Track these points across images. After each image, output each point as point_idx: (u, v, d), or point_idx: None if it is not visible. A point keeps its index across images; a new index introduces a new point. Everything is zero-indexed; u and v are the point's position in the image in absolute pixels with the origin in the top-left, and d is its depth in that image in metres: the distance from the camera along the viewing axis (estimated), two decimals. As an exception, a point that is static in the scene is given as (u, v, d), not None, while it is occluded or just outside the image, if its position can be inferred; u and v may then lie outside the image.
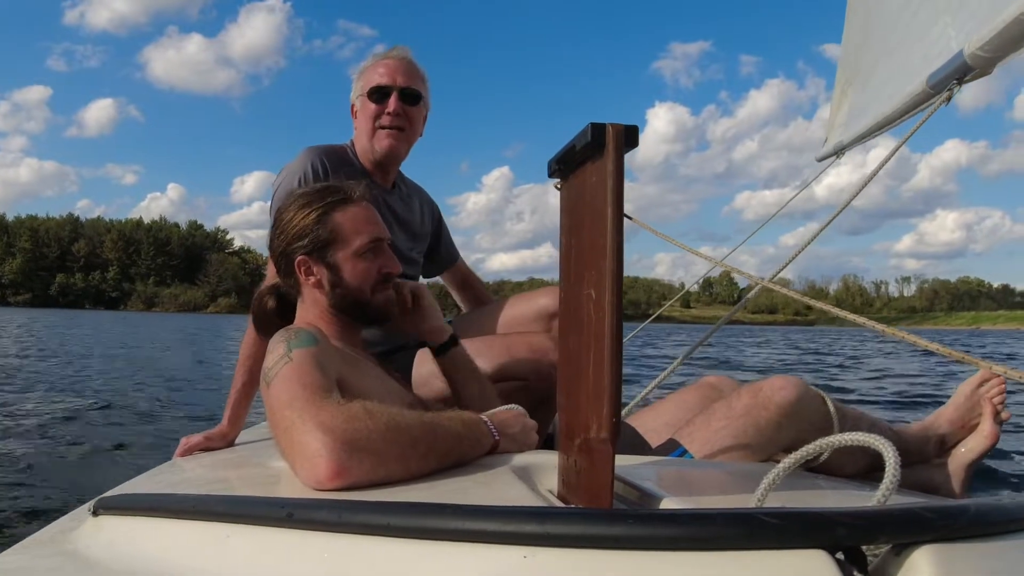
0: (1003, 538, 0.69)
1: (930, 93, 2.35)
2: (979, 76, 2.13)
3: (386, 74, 2.14)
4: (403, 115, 2.14)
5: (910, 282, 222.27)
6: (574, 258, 0.97)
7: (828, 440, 0.84)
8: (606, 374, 0.82)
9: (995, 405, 1.78)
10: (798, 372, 9.42)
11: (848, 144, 3.44)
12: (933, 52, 2.39)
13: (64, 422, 5.73)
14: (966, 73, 2.11)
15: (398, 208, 2.25)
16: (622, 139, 0.83)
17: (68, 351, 14.85)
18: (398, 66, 2.15)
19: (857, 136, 3.25)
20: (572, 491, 0.97)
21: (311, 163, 2.05)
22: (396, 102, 2.12)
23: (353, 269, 1.59)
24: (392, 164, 2.23)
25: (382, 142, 2.14)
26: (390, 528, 0.72)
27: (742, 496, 0.95)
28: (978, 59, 2.01)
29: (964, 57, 2.04)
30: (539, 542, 0.66)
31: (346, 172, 2.07)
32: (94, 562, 0.90)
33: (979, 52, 1.98)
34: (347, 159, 2.16)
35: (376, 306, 1.63)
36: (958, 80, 2.17)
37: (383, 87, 2.12)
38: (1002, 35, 1.86)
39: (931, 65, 2.34)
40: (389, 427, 1.12)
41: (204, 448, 1.85)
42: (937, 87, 2.28)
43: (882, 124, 2.90)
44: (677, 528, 0.64)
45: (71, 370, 10.32)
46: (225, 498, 0.92)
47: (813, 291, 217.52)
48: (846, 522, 0.62)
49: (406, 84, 2.14)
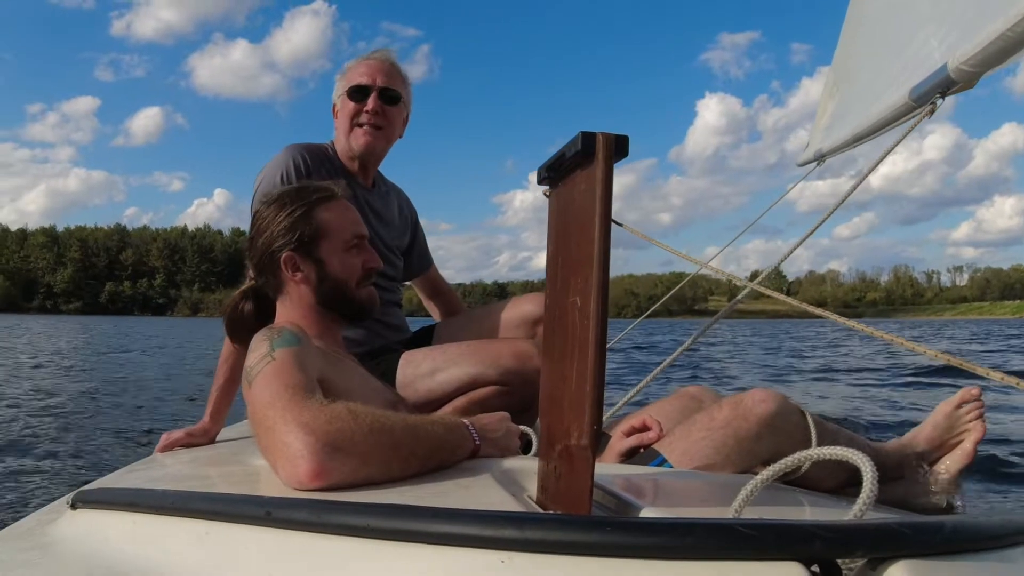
0: (979, 555, 0.69)
1: (912, 106, 2.36)
2: (963, 89, 2.13)
3: (366, 73, 2.16)
4: (382, 114, 2.16)
5: (962, 271, 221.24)
6: (560, 265, 0.97)
7: (806, 453, 0.84)
8: (588, 382, 0.82)
9: (977, 425, 1.80)
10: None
11: (828, 152, 3.44)
12: (915, 62, 2.39)
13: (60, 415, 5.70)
14: (950, 87, 2.12)
15: (377, 206, 2.27)
16: (612, 148, 0.83)
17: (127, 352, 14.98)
18: (379, 66, 2.17)
19: (838, 145, 3.25)
20: (551, 497, 0.97)
21: (292, 160, 2.06)
22: (375, 101, 2.13)
23: (340, 263, 1.60)
24: (371, 161, 2.24)
25: (359, 139, 2.15)
26: (368, 529, 0.72)
27: (720, 507, 0.96)
28: (962, 73, 2.01)
29: (948, 71, 2.05)
30: (517, 547, 0.66)
31: (327, 169, 2.08)
32: (70, 556, 0.90)
33: (963, 66, 1.98)
34: (328, 156, 2.18)
35: (360, 301, 1.64)
36: (941, 94, 2.18)
37: (363, 86, 2.14)
38: (986, 50, 1.87)
39: (913, 75, 2.34)
40: (372, 429, 1.12)
41: (185, 444, 1.84)
42: (920, 100, 2.29)
43: (863, 134, 2.90)
44: (654, 537, 0.64)
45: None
46: (204, 495, 0.92)
47: (864, 283, 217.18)
48: (822, 535, 0.63)
49: (386, 84, 2.16)
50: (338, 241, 1.61)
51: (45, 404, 6.55)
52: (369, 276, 1.66)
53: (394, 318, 2.29)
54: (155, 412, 6.16)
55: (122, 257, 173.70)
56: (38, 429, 5.08)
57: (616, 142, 0.83)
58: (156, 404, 6.77)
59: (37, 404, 6.53)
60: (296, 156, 2.08)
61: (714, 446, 1.49)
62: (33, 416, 5.69)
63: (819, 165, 3.70)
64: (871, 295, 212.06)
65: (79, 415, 5.80)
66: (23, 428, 5.11)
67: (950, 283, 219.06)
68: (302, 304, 1.62)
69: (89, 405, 6.49)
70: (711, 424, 1.52)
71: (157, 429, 4.81)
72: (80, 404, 6.56)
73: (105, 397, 7.27)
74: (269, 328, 1.42)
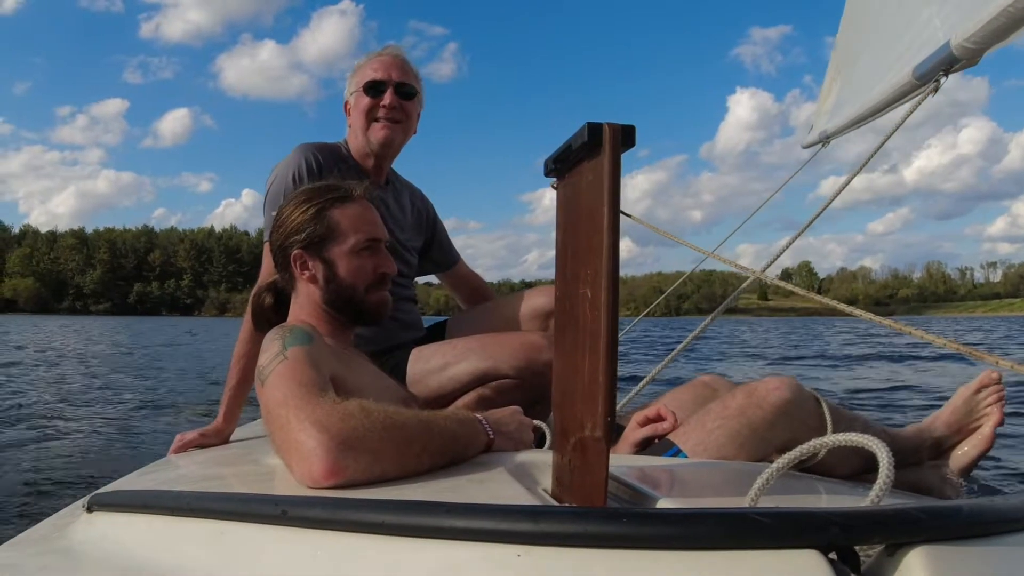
0: (996, 539, 0.69)
1: (916, 84, 2.34)
2: (966, 67, 2.12)
3: (381, 69, 2.15)
4: (399, 108, 2.15)
5: (996, 267, 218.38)
6: (570, 257, 0.97)
7: (822, 440, 0.84)
8: (601, 373, 0.82)
9: (995, 409, 1.79)
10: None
11: (833, 134, 3.42)
12: (918, 41, 2.37)
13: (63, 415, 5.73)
14: (953, 64, 2.10)
15: (389, 203, 2.26)
16: (619, 138, 0.82)
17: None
18: (393, 62, 2.17)
19: (843, 126, 3.24)
20: (566, 490, 0.97)
21: (304, 158, 2.06)
22: (392, 95, 2.13)
23: (348, 266, 1.60)
24: (387, 156, 2.24)
25: (378, 132, 2.15)
26: (384, 526, 0.72)
27: (735, 496, 0.95)
28: (965, 50, 2.00)
29: (951, 48, 2.03)
30: (533, 540, 0.66)
31: (340, 168, 2.08)
32: (87, 559, 0.90)
33: (966, 43, 1.97)
34: (341, 155, 2.17)
35: (369, 305, 1.63)
36: (944, 71, 2.16)
37: (379, 82, 2.14)
38: (988, 27, 1.86)
39: (916, 55, 2.33)
40: (385, 425, 1.12)
41: (199, 445, 1.85)
42: (923, 78, 2.27)
43: (867, 114, 2.88)
44: (671, 527, 0.64)
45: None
46: (219, 495, 0.92)
47: (896, 279, 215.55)
48: (839, 522, 0.62)
49: (401, 79, 2.15)
50: (348, 243, 1.60)
51: (61, 405, 6.59)
52: (382, 281, 1.65)
53: (407, 314, 2.29)
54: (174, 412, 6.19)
55: (150, 258, 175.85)
56: (53, 431, 5.11)
57: (623, 132, 0.83)
58: (176, 402, 6.80)
59: (54, 405, 6.57)
60: (308, 155, 2.08)
61: (729, 435, 1.48)
62: (49, 419, 5.73)
63: (824, 147, 3.68)
64: (903, 292, 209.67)
65: (95, 417, 5.83)
66: (38, 430, 5.14)
67: (983, 279, 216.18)
68: (311, 302, 1.62)
69: (108, 407, 6.53)
70: (725, 413, 1.51)
71: (172, 430, 4.84)
72: (99, 405, 6.60)
73: (126, 396, 7.32)
74: (281, 327, 1.43)
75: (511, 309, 2.21)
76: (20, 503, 3.17)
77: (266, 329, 1.47)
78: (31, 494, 3.34)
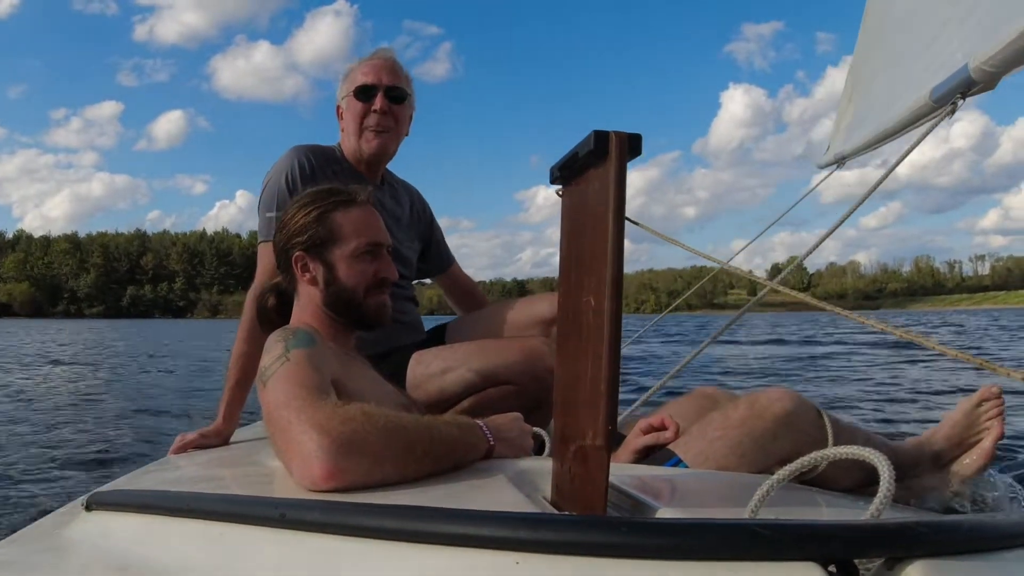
0: (996, 554, 0.69)
1: (933, 107, 2.35)
2: (983, 90, 2.11)
3: (371, 73, 2.16)
4: (389, 113, 2.16)
5: (984, 260, 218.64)
6: (574, 264, 0.97)
7: (823, 453, 0.84)
8: (603, 381, 0.82)
9: (996, 423, 1.78)
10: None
11: (849, 155, 3.43)
12: (936, 64, 2.37)
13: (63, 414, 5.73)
14: (971, 87, 2.10)
15: (386, 203, 2.27)
16: (625, 147, 0.83)
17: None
18: (383, 65, 2.18)
19: (859, 147, 3.24)
20: (566, 498, 0.97)
21: (297, 161, 2.07)
22: (383, 100, 2.14)
23: (348, 269, 1.60)
24: (381, 163, 2.25)
25: (371, 143, 2.16)
26: (382, 530, 0.72)
27: (736, 507, 0.95)
28: (983, 73, 2.00)
29: (969, 71, 2.03)
30: (531, 548, 0.66)
31: (333, 170, 2.09)
32: (85, 557, 0.90)
33: (984, 67, 1.97)
34: (334, 157, 2.19)
35: (368, 309, 1.63)
36: (962, 94, 2.16)
37: (369, 86, 2.15)
38: (1007, 50, 1.85)
39: (934, 77, 2.33)
40: (386, 429, 1.12)
41: (199, 445, 1.85)
42: (940, 101, 2.27)
43: (883, 136, 2.89)
44: (670, 538, 0.63)
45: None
46: (218, 496, 0.92)
47: (885, 274, 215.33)
48: (840, 535, 0.62)
49: (392, 83, 2.16)
50: (350, 246, 1.61)
51: (59, 404, 6.60)
52: (382, 286, 1.65)
53: (407, 315, 2.29)
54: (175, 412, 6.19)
55: (143, 262, 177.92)
56: (53, 429, 5.11)
57: (629, 141, 0.83)
58: (177, 405, 6.80)
59: (51, 404, 6.58)
60: (301, 157, 2.08)
61: (730, 446, 1.48)
62: (46, 416, 5.73)
63: (839, 167, 3.68)
64: (892, 286, 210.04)
65: (94, 417, 5.83)
66: (38, 429, 5.15)
67: (972, 272, 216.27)
68: (312, 305, 1.62)
69: (105, 407, 6.53)
70: (727, 423, 1.51)
71: (173, 430, 4.84)
72: (96, 405, 6.60)
73: (123, 398, 7.32)
74: (284, 329, 1.43)
75: (512, 315, 2.21)
76: (19, 501, 3.17)
77: (269, 330, 1.47)
78: (30, 492, 3.34)
